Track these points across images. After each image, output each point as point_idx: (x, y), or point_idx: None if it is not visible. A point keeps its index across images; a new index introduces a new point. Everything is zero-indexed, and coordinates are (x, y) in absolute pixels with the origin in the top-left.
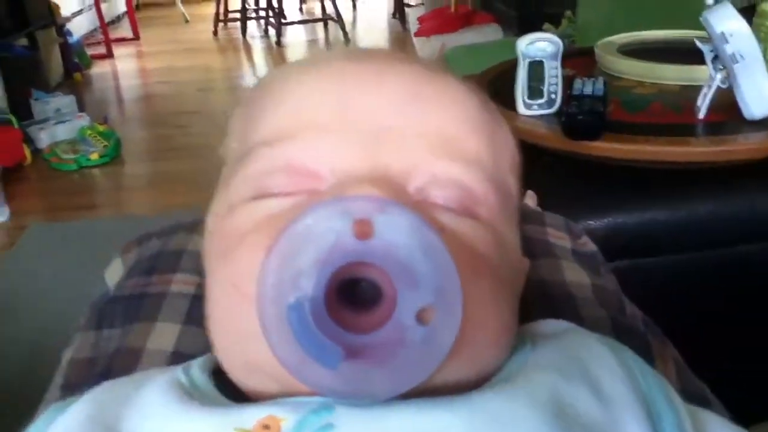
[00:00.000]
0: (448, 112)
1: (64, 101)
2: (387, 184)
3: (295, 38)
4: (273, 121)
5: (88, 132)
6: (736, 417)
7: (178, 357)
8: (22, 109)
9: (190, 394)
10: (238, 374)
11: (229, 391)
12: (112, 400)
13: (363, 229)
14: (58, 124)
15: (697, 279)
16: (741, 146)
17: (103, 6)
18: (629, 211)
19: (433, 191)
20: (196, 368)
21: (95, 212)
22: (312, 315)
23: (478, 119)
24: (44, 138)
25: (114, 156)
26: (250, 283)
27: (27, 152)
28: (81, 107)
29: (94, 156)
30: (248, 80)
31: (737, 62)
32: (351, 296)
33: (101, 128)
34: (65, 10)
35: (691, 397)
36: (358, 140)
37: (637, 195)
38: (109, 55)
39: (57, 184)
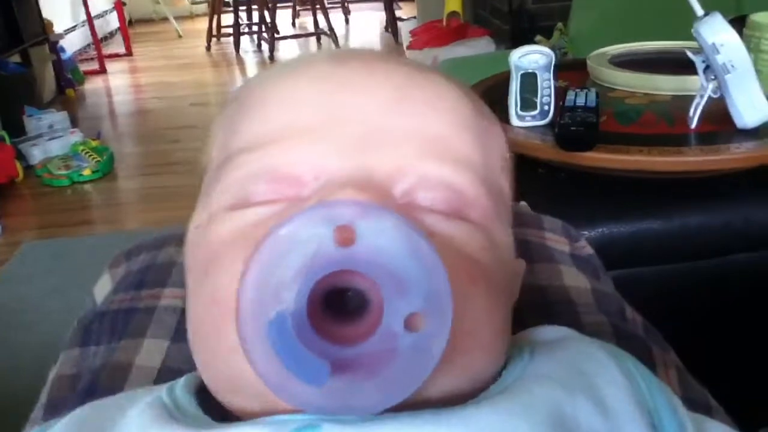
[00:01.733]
0: (437, 113)
1: (56, 117)
2: (370, 188)
3: (289, 53)
4: (254, 126)
5: (81, 148)
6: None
7: (166, 372)
8: (14, 126)
9: (173, 415)
10: (220, 392)
11: (214, 409)
12: (94, 424)
13: (345, 236)
14: (51, 140)
15: (691, 288)
16: (733, 155)
17: (97, 22)
18: (622, 221)
19: (420, 194)
20: (180, 388)
21: (88, 228)
22: (295, 329)
23: (469, 119)
24: (37, 154)
25: (107, 171)
26: (230, 298)
27: (19, 169)
28: (74, 123)
29: (87, 172)
30: None
31: (728, 72)
32: (338, 306)
33: (94, 144)
34: (58, 27)
35: (693, 403)
36: (343, 143)
37: (630, 205)
38: (102, 70)
39: (50, 200)
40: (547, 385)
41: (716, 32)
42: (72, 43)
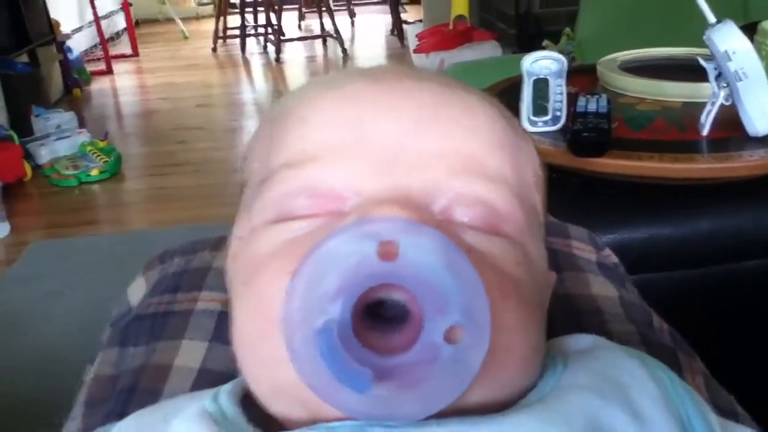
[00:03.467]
0: (468, 131)
1: (64, 117)
2: (410, 205)
3: (294, 55)
4: (294, 144)
5: (89, 148)
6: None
7: (205, 374)
8: (22, 126)
9: (219, 425)
10: (266, 399)
11: (258, 417)
12: None
13: (388, 251)
14: (59, 140)
15: (702, 294)
16: (744, 163)
17: (103, 23)
18: (633, 228)
19: (457, 210)
20: (224, 396)
21: (96, 228)
22: (340, 339)
23: (501, 135)
24: (44, 154)
25: (114, 172)
26: (275, 309)
27: (27, 168)
28: (81, 123)
29: (95, 172)
30: (247, 96)
31: (741, 80)
32: (376, 316)
33: (101, 144)
34: (65, 27)
35: (720, 410)
36: (377, 162)
37: (641, 211)
38: (109, 71)
39: (57, 200)
40: (583, 394)
41: (728, 39)
42: (79, 43)
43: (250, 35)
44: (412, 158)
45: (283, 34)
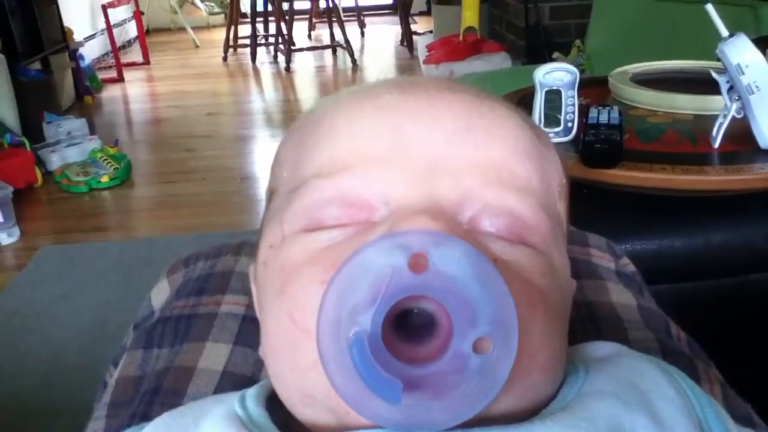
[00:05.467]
0: (499, 142)
1: (75, 124)
2: (440, 216)
3: (304, 64)
4: (326, 153)
5: (99, 155)
6: None
7: (228, 376)
8: (34, 132)
9: (248, 428)
10: (294, 405)
11: (283, 421)
12: None
13: (418, 263)
14: (70, 146)
15: (712, 306)
16: (756, 175)
17: (115, 31)
18: (644, 239)
19: (485, 220)
20: (251, 400)
21: (105, 234)
22: (371, 349)
23: (529, 147)
24: (55, 160)
25: (124, 179)
26: (307, 317)
27: (38, 174)
28: (92, 130)
29: (105, 178)
30: (257, 105)
31: (753, 93)
32: (402, 325)
33: (112, 151)
34: (78, 35)
35: (737, 419)
36: (412, 171)
37: (653, 223)
38: (120, 79)
39: (67, 206)
40: (606, 400)
41: (741, 53)
42: (91, 51)
43: (260, 45)
44: (447, 167)
45: (294, 44)
